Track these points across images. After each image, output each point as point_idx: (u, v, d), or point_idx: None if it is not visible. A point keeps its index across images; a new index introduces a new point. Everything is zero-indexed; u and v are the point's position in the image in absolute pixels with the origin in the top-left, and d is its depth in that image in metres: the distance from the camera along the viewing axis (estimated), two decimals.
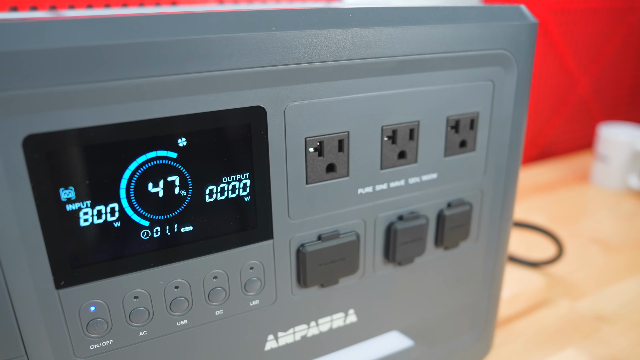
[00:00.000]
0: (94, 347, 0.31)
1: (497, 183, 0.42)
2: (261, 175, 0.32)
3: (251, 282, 0.34)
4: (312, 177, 0.33)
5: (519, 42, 0.38)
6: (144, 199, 0.29)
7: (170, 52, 0.27)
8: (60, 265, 0.28)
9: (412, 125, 0.36)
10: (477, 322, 0.47)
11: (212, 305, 0.33)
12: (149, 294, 0.31)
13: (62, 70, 0.25)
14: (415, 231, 0.38)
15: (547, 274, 0.69)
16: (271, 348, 0.37)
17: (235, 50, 0.28)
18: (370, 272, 0.38)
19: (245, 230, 0.32)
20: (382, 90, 0.34)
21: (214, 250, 0.32)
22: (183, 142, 0.29)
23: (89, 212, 0.28)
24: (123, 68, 0.26)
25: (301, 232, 0.34)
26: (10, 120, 0.25)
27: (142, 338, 0.32)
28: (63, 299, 0.29)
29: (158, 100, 0.27)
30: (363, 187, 0.36)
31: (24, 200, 0.26)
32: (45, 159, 0.26)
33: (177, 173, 0.29)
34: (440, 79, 0.36)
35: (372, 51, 0.32)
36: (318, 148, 0.33)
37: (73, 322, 0.30)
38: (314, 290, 0.37)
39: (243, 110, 0.30)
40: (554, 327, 0.58)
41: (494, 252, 0.45)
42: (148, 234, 0.30)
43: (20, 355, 0.29)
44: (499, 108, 0.39)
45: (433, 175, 0.38)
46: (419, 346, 0.44)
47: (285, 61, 0.30)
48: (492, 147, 0.40)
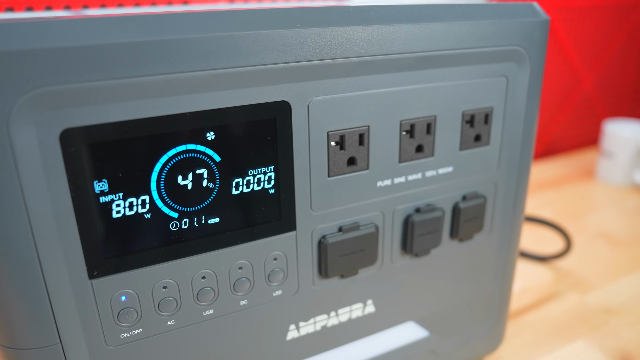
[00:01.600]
0: (125, 336, 0.32)
1: (510, 176, 0.43)
2: (285, 168, 0.32)
3: (274, 273, 0.35)
4: (334, 170, 0.34)
5: (531, 38, 0.39)
6: (173, 191, 0.30)
7: (201, 49, 0.28)
8: (94, 256, 0.29)
9: (430, 120, 0.37)
10: (490, 314, 0.48)
11: (237, 295, 0.34)
12: (177, 284, 0.32)
13: (97, 67, 0.26)
14: (432, 223, 0.39)
15: (555, 268, 0.70)
16: (293, 338, 0.38)
17: (261, 46, 0.29)
18: (388, 264, 0.39)
19: (270, 222, 0.33)
20: (401, 86, 0.35)
21: (239, 242, 0.33)
22: (211, 135, 0.30)
23: (121, 204, 0.29)
24: (155, 64, 0.27)
25: (322, 224, 0.35)
26: (48, 115, 0.26)
27: (170, 327, 0.33)
28: (96, 288, 0.30)
29: (188, 95, 0.28)
30: (382, 180, 0.36)
31: (60, 193, 0.27)
32: (80, 153, 0.27)
33: (206, 166, 0.30)
34: (456, 74, 0.37)
35: (392, 47, 0.33)
36: (339, 142, 0.34)
37: (105, 311, 0.31)
38: (334, 281, 0.38)
39: (269, 104, 0.31)
40: (563, 319, 0.59)
41: (507, 245, 0.46)
42: (177, 225, 0.31)
43: (55, 343, 0.30)
44: (512, 103, 0.40)
45: (449, 169, 0.39)
46: (433, 337, 0.45)
47: (309, 57, 0.31)
48: (505, 141, 0.41)
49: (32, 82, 0.25)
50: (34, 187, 0.26)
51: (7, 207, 0.26)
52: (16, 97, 0.25)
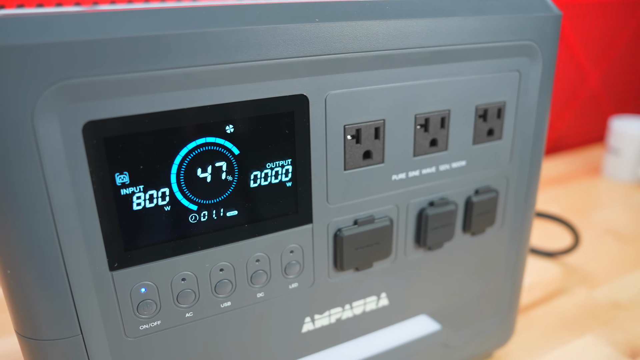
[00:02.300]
0: (144, 328, 0.32)
1: (522, 171, 0.43)
2: (303, 161, 0.33)
3: (291, 266, 0.35)
4: (350, 164, 0.34)
5: (544, 33, 0.39)
6: (192, 184, 0.30)
7: (221, 42, 0.28)
8: (114, 248, 0.30)
9: (444, 114, 0.37)
10: (501, 308, 0.48)
11: (254, 288, 0.34)
12: (196, 276, 0.32)
13: (120, 59, 0.26)
14: (446, 217, 0.40)
15: (563, 263, 0.70)
16: (308, 330, 0.38)
17: (281, 40, 0.30)
18: (402, 257, 0.40)
19: (287, 214, 0.34)
20: (416, 80, 0.35)
21: (257, 234, 0.33)
22: (230, 128, 0.30)
23: (141, 196, 0.29)
24: (177, 57, 0.27)
25: (338, 217, 0.36)
26: (72, 108, 0.26)
27: (188, 319, 0.33)
28: (116, 280, 0.30)
29: (208, 89, 0.29)
30: (397, 174, 0.37)
31: (83, 185, 0.28)
32: (102, 145, 0.27)
33: (224, 159, 0.31)
34: (470, 69, 0.37)
35: (407, 42, 0.34)
36: (355, 135, 0.34)
37: (125, 303, 0.31)
38: (349, 274, 0.38)
39: (287, 98, 0.31)
40: (571, 314, 0.59)
41: (518, 239, 0.46)
42: (196, 217, 0.31)
43: (76, 335, 0.30)
44: (524, 97, 0.40)
45: (462, 163, 0.40)
46: (445, 330, 0.45)
47: (327, 51, 0.31)
48: (517, 135, 0.41)
49: (56, 75, 0.25)
50: (57, 179, 0.27)
51: (31, 199, 0.27)
52: (41, 89, 0.25)
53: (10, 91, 0.25)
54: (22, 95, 0.25)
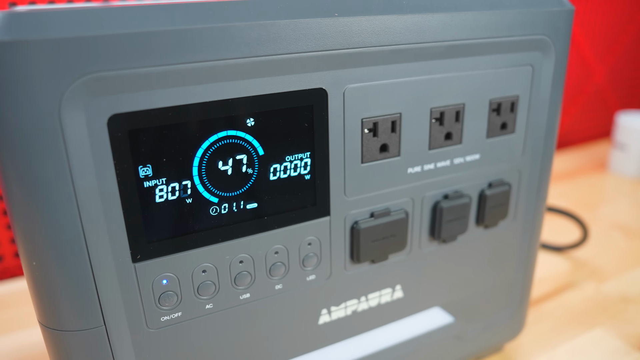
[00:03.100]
0: (165, 319, 0.32)
1: (534, 164, 0.43)
2: (321, 154, 0.33)
3: (309, 258, 0.35)
4: (367, 157, 0.35)
5: (557, 27, 0.39)
6: (214, 176, 0.31)
7: (244, 36, 0.28)
8: (137, 240, 0.30)
9: (458, 108, 0.37)
10: (512, 301, 0.49)
11: (273, 280, 0.35)
12: (216, 268, 0.33)
13: (145, 53, 0.27)
14: (460, 209, 0.40)
15: (571, 258, 0.70)
16: (324, 322, 0.38)
17: (301, 34, 0.30)
18: (416, 249, 0.40)
19: (305, 207, 0.34)
20: (432, 74, 0.35)
21: (276, 226, 0.34)
22: (251, 122, 0.30)
23: (164, 188, 0.30)
24: (200, 51, 0.28)
25: (355, 210, 0.36)
26: (97, 101, 0.26)
27: (208, 311, 0.34)
28: (139, 272, 0.31)
29: (230, 82, 0.29)
30: (412, 167, 0.37)
31: (107, 177, 0.28)
32: (127, 137, 0.28)
33: (245, 152, 0.31)
34: (484, 63, 0.37)
35: (424, 36, 0.34)
36: (372, 129, 0.34)
37: (147, 294, 0.31)
38: (365, 266, 0.38)
39: (307, 91, 0.31)
40: (581, 308, 0.60)
41: (530, 232, 0.46)
42: (217, 210, 0.31)
43: (100, 325, 0.31)
44: (537, 92, 0.41)
45: (476, 156, 0.40)
46: (458, 322, 0.46)
47: (345, 45, 0.31)
48: (530, 129, 0.42)
49: (83, 69, 0.26)
50: (83, 171, 0.27)
51: (57, 191, 0.27)
52: (68, 83, 0.25)
53: (38, 84, 0.25)
54: (49, 89, 0.25)
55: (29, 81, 0.25)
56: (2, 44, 0.24)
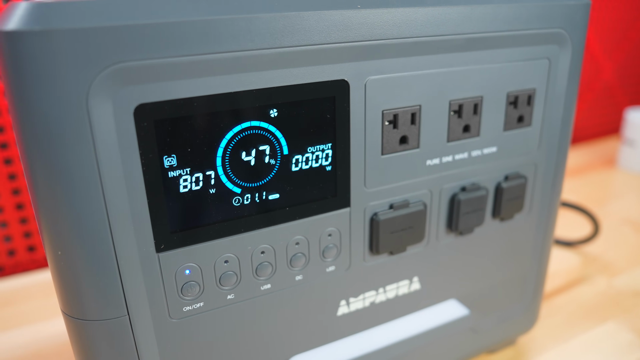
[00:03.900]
0: (187, 309, 0.33)
1: (550, 157, 0.44)
2: (342, 145, 0.33)
3: (329, 249, 0.36)
4: (387, 148, 0.35)
5: (574, 21, 0.39)
6: (237, 167, 0.31)
7: (268, 27, 0.29)
8: (161, 230, 0.30)
9: (477, 100, 0.38)
10: (526, 294, 0.49)
11: (294, 270, 0.35)
12: (238, 259, 0.33)
13: (171, 43, 0.27)
14: (477, 202, 0.40)
15: (582, 252, 0.70)
16: (343, 313, 0.39)
17: (324, 26, 0.30)
18: (434, 241, 0.40)
19: (326, 198, 0.34)
20: (451, 67, 0.36)
21: (297, 217, 0.34)
22: (274, 112, 0.31)
23: (188, 178, 0.30)
24: (226, 41, 0.28)
25: (375, 201, 0.36)
26: (124, 91, 0.27)
27: (230, 301, 0.34)
28: (162, 262, 0.31)
29: (254, 73, 0.29)
30: (431, 159, 0.37)
31: (133, 167, 0.28)
32: (153, 127, 0.28)
33: (268, 143, 0.31)
34: (502, 56, 0.38)
35: (444, 29, 0.34)
36: (392, 121, 0.35)
37: (170, 284, 0.32)
38: (384, 258, 0.38)
39: (329, 83, 0.31)
40: (593, 302, 0.60)
41: (544, 225, 0.46)
42: (239, 200, 0.32)
43: (123, 315, 0.31)
44: (553, 85, 0.41)
45: (493, 149, 0.40)
46: (474, 315, 0.46)
47: (367, 37, 0.32)
48: (546, 122, 0.42)
49: (110, 58, 0.26)
50: (109, 160, 0.27)
51: (83, 180, 0.27)
52: (96, 72, 0.26)
53: (66, 74, 0.25)
54: (77, 78, 0.25)
55: (57, 71, 0.25)
56: (32, 33, 0.24)
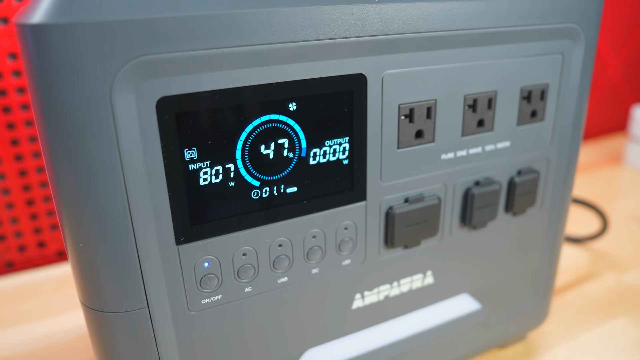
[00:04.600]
0: (205, 302, 0.33)
1: (562, 152, 0.44)
2: (359, 139, 0.34)
3: (345, 242, 0.36)
4: (403, 142, 0.35)
5: (587, 16, 0.40)
6: (256, 160, 0.31)
7: (289, 21, 0.29)
8: (181, 222, 0.30)
9: (491, 95, 0.38)
10: (537, 289, 0.49)
11: (310, 264, 0.35)
12: (256, 251, 0.33)
13: (193, 37, 0.27)
14: (490, 196, 0.40)
15: (590, 249, 0.71)
16: (358, 307, 0.39)
17: (343, 20, 0.30)
18: (447, 235, 0.40)
19: (342, 192, 0.34)
20: (466, 62, 0.36)
21: (314, 210, 0.34)
22: (293, 106, 0.31)
23: (208, 171, 0.30)
24: (247, 35, 0.28)
25: (390, 195, 0.36)
26: (147, 83, 0.27)
27: (247, 294, 0.34)
28: (182, 254, 0.31)
29: (275, 66, 0.29)
30: (446, 153, 0.37)
31: (154, 159, 0.28)
32: (174, 120, 0.28)
33: (287, 136, 0.31)
34: (516, 51, 0.38)
35: (459, 23, 0.34)
36: (408, 115, 0.35)
37: (189, 277, 0.32)
38: (398, 251, 0.39)
39: (347, 77, 0.32)
40: (602, 298, 0.60)
41: (556, 220, 0.47)
42: (258, 194, 0.32)
43: (143, 307, 0.31)
44: (566, 80, 0.41)
45: (506, 143, 0.40)
46: (485, 309, 0.46)
47: (385, 31, 0.32)
48: (558, 117, 0.42)
49: (134, 51, 0.26)
50: (131, 152, 0.28)
51: (106, 172, 0.27)
52: (120, 65, 0.26)
53: (91, 67, 0.25)
54: (102, 71, 0.26)
55: (82, 64, 0.25)
56: (58, 26, 0.25)
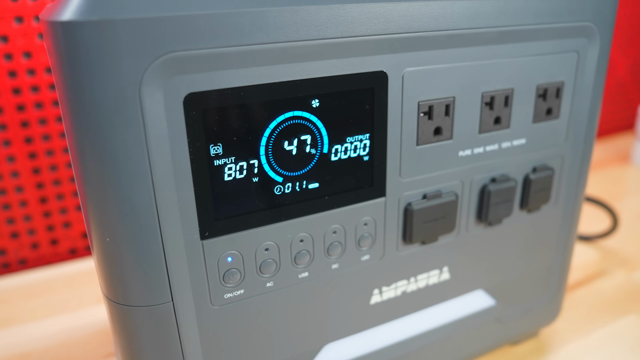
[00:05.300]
0: (228, 296, 0.33)
1: (576, 150, 0.44)
2: (380, 136, 0.34)
3: (364, 238, 0.36)
4: (422, 139, 0.36)
5: (602, 14, 0.40)
6: (279, 156, 0.32)
7: (314, 18, 0.29)
8: (206, 217, 0.31)
9: (508, 93, 0.38)
10: (550, 285, 0.50)
11: (330, 259, 0.36)
12: (278, 247, 0.34)
13: (220, 34, 0.27)
14: (506, 193, 0.41)
15: (600, 247, 0.71)
16: (376, 302, 0.39)
17: (366, 18, 0.31)
18: (464, 232, 0.41)
19: (362, 188, 0.35)
20: (484, 60, 0.36)
21: (335, 206, 0.34)
22: (316, 103, 0.31)
23: (232, 167, 0.31)
24: (273, 32, 0.29)
25: (409, 191, 0.37)
26: (175, 80, 0.27)
27: (269, 289, 0.34)
28: (206, 249, 0.32)
29: (299, 64, 0.30)
30: (463, 150, 0.38)
31: (181, 155, 0.29)
32: (201, 116, 0.29)
33: (309, 132, 0.32)
34: (532, 49, 0.38)
35: (478, 22, 0.35)
36: (427, 112, 0.35)
37: (212, 271, 0.32)
38: (416, 247, 0.39)
39: (369, 74, 0.32)
40: (613, 295, 0.60)
41: (570, 217, 0.47)
42: (281, 189, 0.32)
43: (167, 301, 0.32)
44: (581, 78, 0.41)
45: (522, 141, 0.41)
46: (500, 305, 0.47)
47: (406, 29, 0.32)
48: (573, 115, 0.42)
49: (163, 48, 0.26)
50: (159, 148, 0.28)
51: (134, 167, 0.28)
52: (149, 61, 0.26)
53: (121, 63, 0.26)
54: (132, 67, 0.26)
55: (112, 60, 0.26)
56: (89, 23, 0.25)
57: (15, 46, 0.61)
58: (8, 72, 0.61)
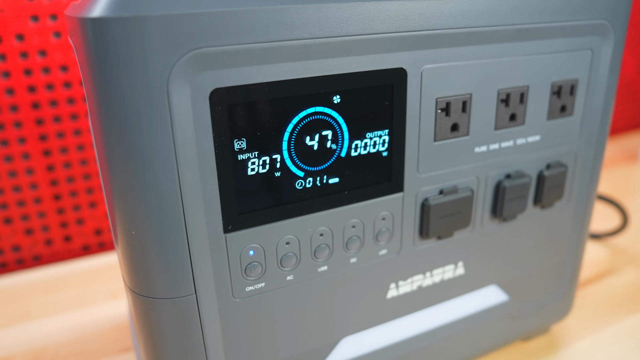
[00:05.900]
0: (249, 289, 0.34)
1: (589, 147, 0.45)
2: (398, 132, 0.35)
3: (382, 232, 0.37)
4: (439, 135, 0.36)
5: (616, 12, 0.40)
6: (301, 151, 0.32)
7: (336, 15, 0.30)
8: (229, 211, 0.31)
9: (523, 90, 0.39)
10: (563, 281, 0.50)
11: (349, 253, 0.36)
12: (299, 240, 0.34)
13: (246, 30, 0.28)
14: (521, 189, 0.41)
15: (609, 245, 0.71)
16: (392, 296, 0.40)
17: (386, 15, 0.31)
18: (479, 227, 0.41)
19: (381, 183, 0.35)
20: (500, 57, 0.37)
21: (354, 201, 0.35)
22: (337, 99, 0.32)
23: (256, 162, 0.31)
24: (297, 29, 0.29)
25: (426, 187, 0.37)
26: (202, 75, 0.28)
27: (289, 282, 0.35)
28: (229, 242, 0.32)
29: (322, 60, 0.30)
30: (479, 146, 0.38)
31: (206, 149, 0.29)
32: (226, 111, 0.29)
33: (330, 128, 0.32)
34: (547, 47, 0.39)
35: (495, 19, 0.35)
36: (445, 108, 0.36)
37: (235, 264, 0.33)
38: (432, 242, 0.40)
39: (389, 71, 0.33)
40: (623, 293, 0.61)
41: (582, 214, 0.47)
42: (302, 184, 0.33)
43: (191, 294, 0.32)
44: (595, 75, 0.42)
45: (537, 137, 0.41)
46: (513, 301, 0.47)
47: (425, 27, 0.33)
48: (587, 112, 0.43)
49: (191, 44, 0.27)
50: (185, 142, 0.29)
51: (161, 162, 0.28)
52: (177, 58, 0.27)
53: (150, 59, 0.26)
54: (160, 63, 0.27)
55: (141, 56, 0.26)
56: (119, 19, 0.26)
57: (31, 44, 0.62)
58: (24, 70, 0.62)
